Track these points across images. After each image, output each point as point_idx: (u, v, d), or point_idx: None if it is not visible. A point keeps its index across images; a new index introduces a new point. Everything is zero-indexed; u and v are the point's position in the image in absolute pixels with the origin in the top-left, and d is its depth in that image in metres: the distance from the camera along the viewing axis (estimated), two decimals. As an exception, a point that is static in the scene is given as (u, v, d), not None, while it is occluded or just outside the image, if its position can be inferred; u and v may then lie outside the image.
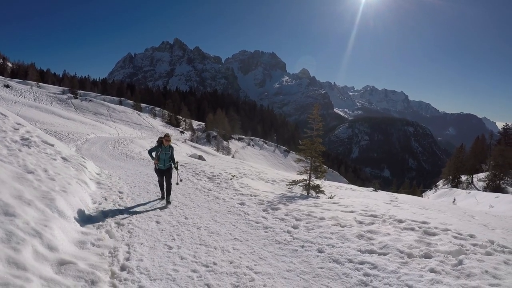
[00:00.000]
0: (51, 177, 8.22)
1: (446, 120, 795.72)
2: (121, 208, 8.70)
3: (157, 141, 10.44)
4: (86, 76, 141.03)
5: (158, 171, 10.27)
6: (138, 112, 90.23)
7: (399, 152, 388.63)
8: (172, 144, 10.75)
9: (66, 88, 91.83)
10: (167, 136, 10.36)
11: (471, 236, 6.91)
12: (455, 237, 6.72)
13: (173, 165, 10.46)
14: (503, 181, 53.02)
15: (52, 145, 12.12)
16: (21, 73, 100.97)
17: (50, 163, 9.84)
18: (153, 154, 10.30)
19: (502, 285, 4.65)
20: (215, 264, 5.44)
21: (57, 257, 4.79)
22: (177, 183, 10.83)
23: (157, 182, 10.86)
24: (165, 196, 10.17)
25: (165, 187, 10.21)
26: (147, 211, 8.69)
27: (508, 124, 70.09)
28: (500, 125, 74.41)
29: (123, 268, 5.13)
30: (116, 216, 7.80)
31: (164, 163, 10.15)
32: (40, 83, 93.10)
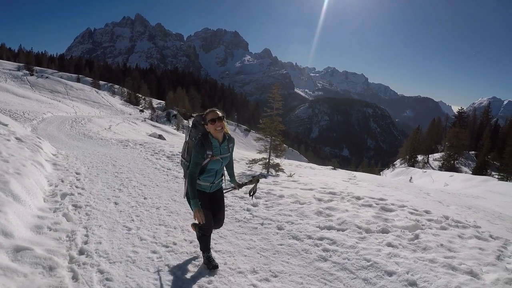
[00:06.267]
0: (4, 159, 7.84)
1: (404, 102, 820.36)
2: (78, 189, 8.41)
3: (191, 129, 4.52)
4: (43, 52, 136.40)
5: (201, 197, 4.36)
6: (97, 90, 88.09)
7: (358, 132, 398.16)
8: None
9: (21, 64, 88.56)
10: (219, 118, 4.22)
11: (427, 212, 7.10)
12: (411, 213, 6.89)
13: (229, 182, 4.98)
14: (457, 161, 55.60)
15: (6, 125, 11.68)
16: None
17: (3, 144, 9.41)
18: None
19: (457, 257, 4.79)
20: (175, 244, 5.33)
21: (12, 244, 4.56)
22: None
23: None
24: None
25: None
26: (105, 192, 8.46)
27: (463, 108, 73.42)
28: (455, 109, 77.91)
29: (81, 252, 4.92)
30: (73, 198, 7.52)
31: (214, 178, 4.50)
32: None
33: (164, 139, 32.13)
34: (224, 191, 4.92)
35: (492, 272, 4.45)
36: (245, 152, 29.19)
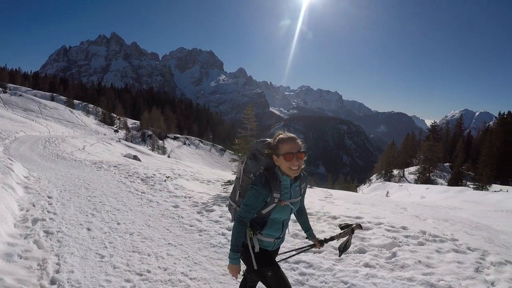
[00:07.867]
0: (-28, 182, 7.63)
1: (378, 118, 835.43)
2: (50, 214, 8.15)
3: (247, 161, 3.04)
4: (17, 69, 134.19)
5: (264, 256, 3.01)
6: (71, 109, 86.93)
7: (334, 149, 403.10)
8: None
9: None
10: (299, 153, 2.93)
11: (404, 228, 7.13)
12: (388, 230, 6.90)
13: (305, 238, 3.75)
14: (432, 173, 56.88)
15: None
16: None
17: (-29, 166, 9.17)
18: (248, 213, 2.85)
19: (435, 273, 4.82)
20: (149, 272, 5.18)
21: (-18, 274, 4.41)
22: None
23: None
24: None
25: None
26: (77, 217, 8.23)
27: (436, 122, 75.35)
28: (428, 122, 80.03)
29: (53, 282, 4.71)
30: (45, 224, 7.26)
31: (280, 232, 3.10)
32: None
33: (139, 159, 31.79)
34: (297, 250, 3.74)
35: (471, 286, 4.49)
36: (221, 172, 28.95)
